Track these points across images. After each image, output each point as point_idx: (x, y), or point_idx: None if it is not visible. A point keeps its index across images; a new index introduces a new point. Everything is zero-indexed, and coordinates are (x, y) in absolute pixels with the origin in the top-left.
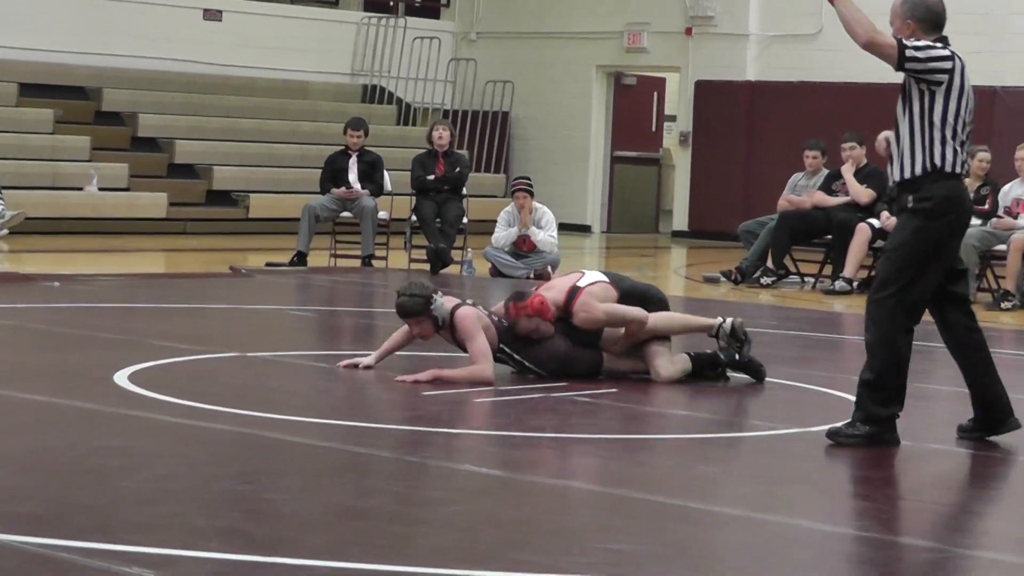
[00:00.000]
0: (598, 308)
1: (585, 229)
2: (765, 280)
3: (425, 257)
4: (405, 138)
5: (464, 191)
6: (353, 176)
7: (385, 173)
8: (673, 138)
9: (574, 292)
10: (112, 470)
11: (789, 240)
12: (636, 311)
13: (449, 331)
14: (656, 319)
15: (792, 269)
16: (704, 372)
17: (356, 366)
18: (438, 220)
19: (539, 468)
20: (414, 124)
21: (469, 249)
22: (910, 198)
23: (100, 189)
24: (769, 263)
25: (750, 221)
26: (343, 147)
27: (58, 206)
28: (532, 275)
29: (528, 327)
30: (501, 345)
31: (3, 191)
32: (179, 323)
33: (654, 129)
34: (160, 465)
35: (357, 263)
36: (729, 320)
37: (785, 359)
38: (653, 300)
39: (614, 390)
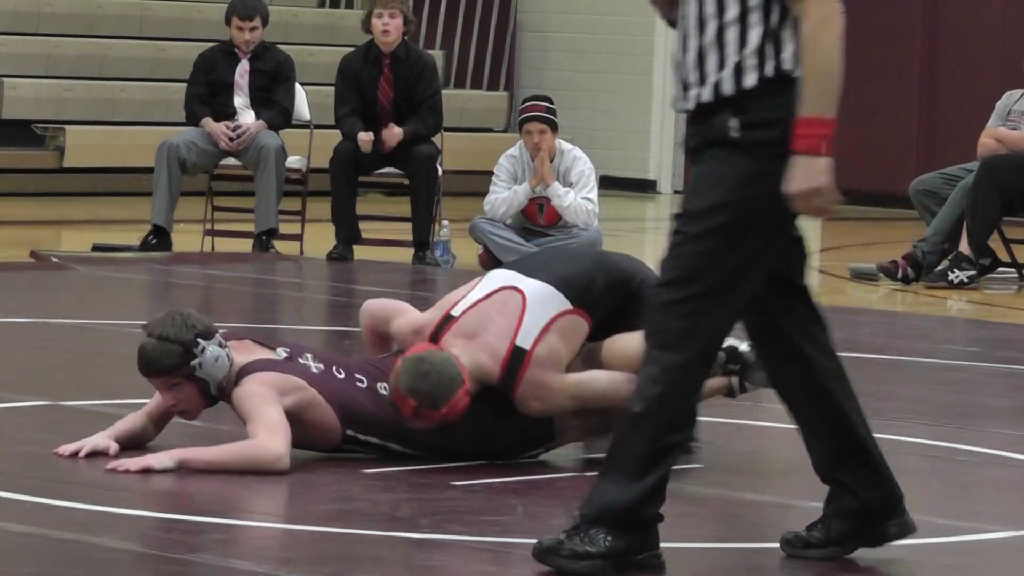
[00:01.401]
0: (557, 393)
1: (647, 187)
2: (957, 275)
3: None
4: (335, 30)
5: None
6: (242, 97)
7: (299, 89)
8: None
9: (517, 362)
10: None
11: (999, 206)
12: (619, 381)
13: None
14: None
15: (1005, 256)
16: None
17: (76, 453)
18: (384, 170)
19: None
20: (348, 6)
21: (446, 222)
22: (732, 123)
23: None
24: (964, 245)
25: (931, 175)
26: (224, 43)
27: None
28: None
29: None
30: (350, 433)
31: None
32: None
33: None
34: None
35: (249, 244)
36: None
37: (996, 413)
38: (643, 296)
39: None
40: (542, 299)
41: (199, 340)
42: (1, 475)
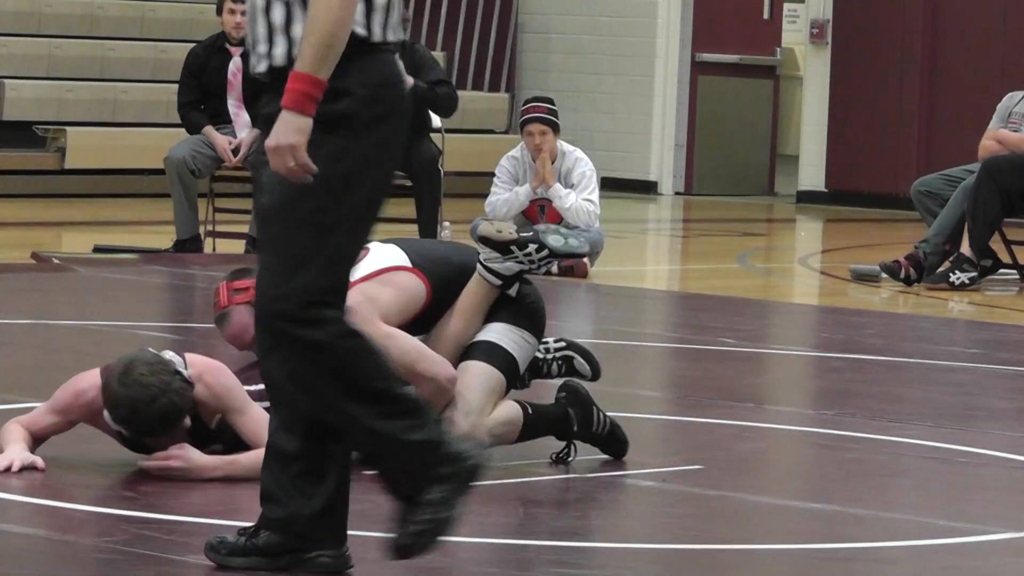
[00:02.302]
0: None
1: (648, 188)
2: (959, 277)
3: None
4: None
5: (435, 121)
6: (235, 97)
7: None
8: (800, 31)
9: None
10: None
11: (1000, 207)
12: (429, 359)
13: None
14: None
15: (1006, 257)
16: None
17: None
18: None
19: None
20: None
21: (447, 223)
22: None
23: None
24: (965, 247)
25: (932, 176)
26: (214, 36)
27: None
28: (554, 268)
29: (241, 329)
30: None
31: None
32: None
33: (767, 15)
34: None
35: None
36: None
37: (997, 414)
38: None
39: None
40: (383, 255)
41: (175, 371)
42: None
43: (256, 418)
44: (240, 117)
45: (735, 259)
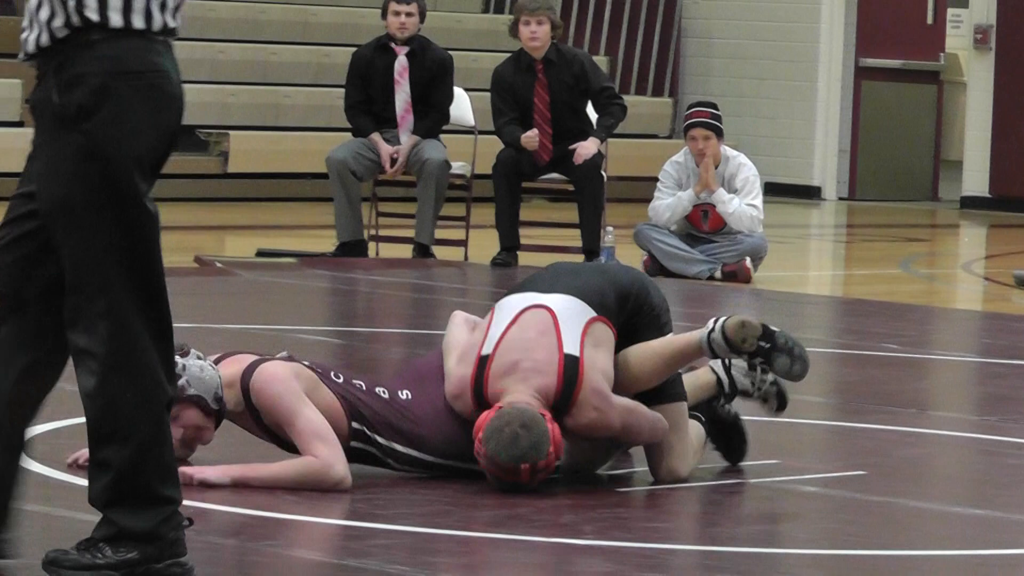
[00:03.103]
0: (614, 405)
1: (811, 193)
2: None
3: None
4: (498, 36)
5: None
6: (403, 96)
7: (463, 95)
8: (964, 37)
9: (573, 369)
10: None
11: None
12: (657, 420)
13: (248, 413)
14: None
15: None
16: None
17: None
18: (548, 176)
19: None
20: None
21: (610, 228)
22: (52, 88)
23: None
24: None
25: None
26: (379, 38)
27: None
28: (718, 273)
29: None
30: (356, 426)
31: None
32: None
33: (931, 20)
34: None
35: (408, 249)
36: (719, 323)
37: None
38: (649, 314)
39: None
40: (569, 310)
41: (177, 359)
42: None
43: (301, 429)
44: (406, 119)
45: (898, 264)
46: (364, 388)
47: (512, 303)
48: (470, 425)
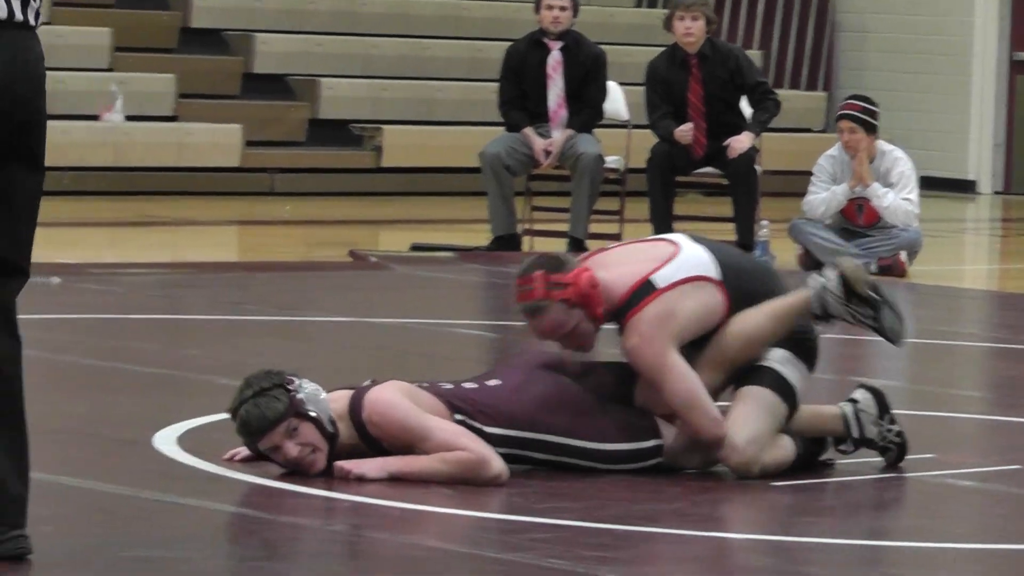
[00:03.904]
0: (659, 348)
1: (966, 187)
2: None
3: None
4: (651, 30)
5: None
6: (556, 91)
7: (616, 88)
8: None
9: (642, 294)
10: None
11: None
12: (709, 414)
13: (367, 446)
14: (739, 335)
15: None
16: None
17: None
18: (702, 170)
19: None
20: (666, 6)
21: (765, 222)
22: None
23: (128, 118)
24: None
25: None
26: (532, 33)
27: (55, 148)
28: (873, 267)
29: (556, 325)
30: (459, 418)
31: None
32: (260, 348)
33: None
34: None
35: (563, 243)
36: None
37: None
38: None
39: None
40: (691, 259)
41: (291, 378)
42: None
43: (440, 440)
44: (559, 114)
45: None
46: (452, 386)
47: (673, 235)
48: (560, 395)
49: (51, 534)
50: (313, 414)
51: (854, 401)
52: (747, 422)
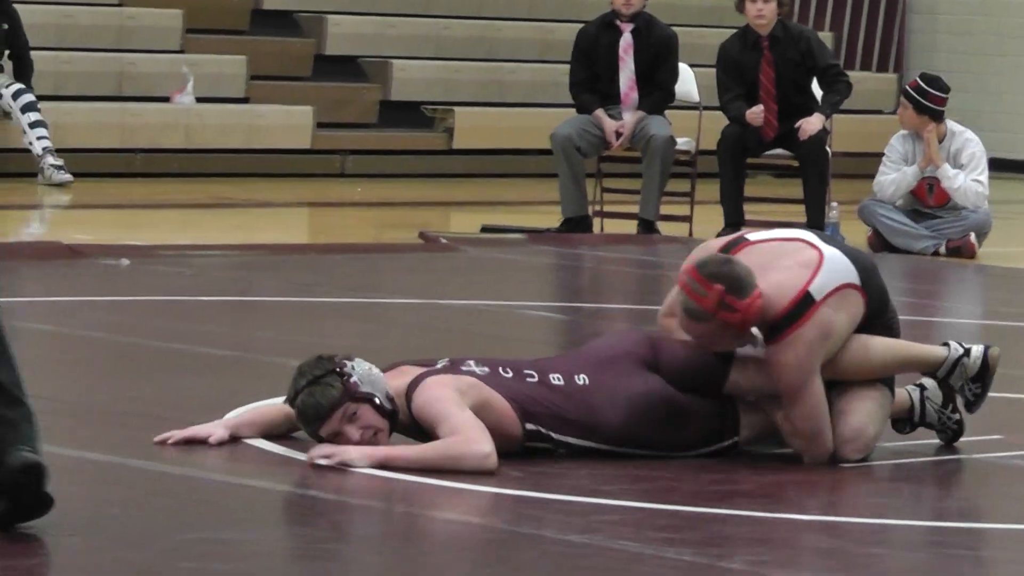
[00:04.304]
0: (812, 369)
1: None
2: None
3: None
4: (723, 12)
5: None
6: (627, 73)
7: (687, 70)
8: None
9: (804, 308)
10: None
11: None
12: (828, 437)
13: (414, 425)
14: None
15: None
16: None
17: (200, 440)
18: (773, 152)
19: None
20: None
21: (835, 204)
22: None
23: (198, 100)
24: None
25: None
26: (604, 15)
27: (127, 130)
28: (943, 249)
29: (708, 337)
30: (531, 427)
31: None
32: (338, 330)
33: None
34: (302, 575)
35: (633, 225)
36: (979, 349)
37: None
38: (890, 317)
39: None
40: (837, 264)
41: (344, 361)
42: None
43: (449, 426)
44: (630, 97)
45: None
46: (536, 379)
47: (790, 231)
48: (648, 408)
49: (118, 516)
50: (368, 395)
51: (922, 388)
52: (875, 417)
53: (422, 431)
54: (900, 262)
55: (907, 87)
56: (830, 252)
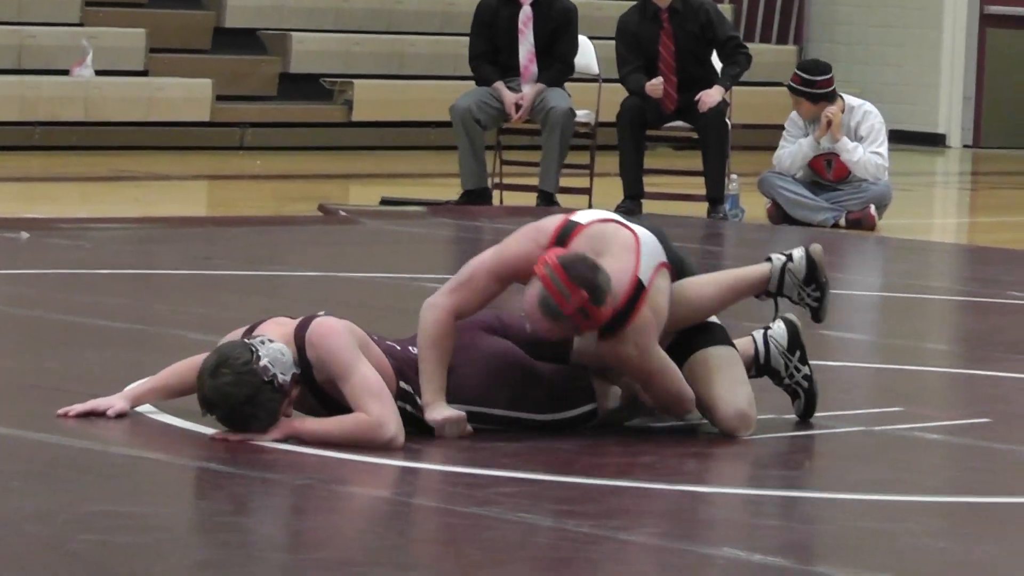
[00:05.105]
0: (654, 351)
1: (936, 141)
2: None
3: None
4: None
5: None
6: (527, 47)
7: (587, 43)
8: None
9: (637, 296)
10: (118, 555)
11: None
12: (688, 397)
13: (303, 378)
14: (697, 295)
15: None
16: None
17: (96, 413)
18: (672, 124)
19: None
20: None
21: (735, 176)
22: None
23: (97, 73)
24: None
25: None
26: None
27: (26, 103)
28: (842, 221)
29: (555, 333)
30: (404, 386)
31: None
32: (237, 303)
33: None
34: (200, 547)
35: (533, 197)
36: (800, 250)
37: None
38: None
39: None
40: (650, 245)
41: (253, 351)
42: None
43: (355, 384)
44: (530, 69)
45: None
46: (399, 348)
47: (596, 212)
48: (503, 368)
49: (19, 489)
50: (282, 384)
51: (767, 328)
52: (738, 390)
53: (308, 378)
54: (799, 234)
55: (792, 84)
56: (640, 232)
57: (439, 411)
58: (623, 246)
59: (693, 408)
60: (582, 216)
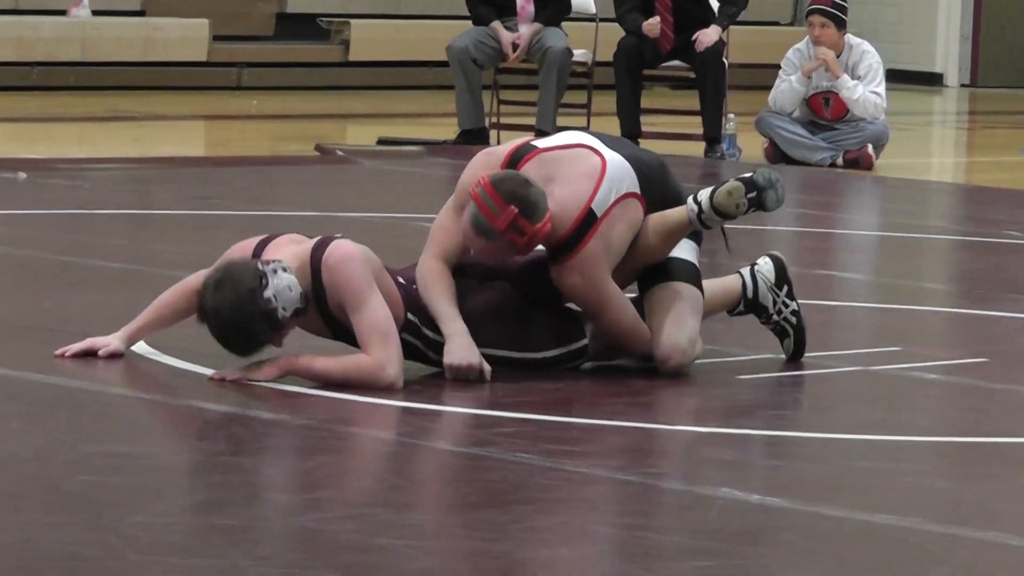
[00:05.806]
0: (601, 282)
1: (933, 80)
2: None
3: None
4: None
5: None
6: None
7: None
8: None
9: (587, 226)
10: (115, 495)
11: None
12: (643, 337)
13: (312, 293)
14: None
15: None
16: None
17: (92, 353)
18: (669, 64)
19: None
20: None
21: (731, 115)
22: None
23: (94, 13)
24: None
25: None
26: None
27: (23, 43)
28: (840, 160)
29: (491, 254)
30: (411, 318)
31: None
32: (228, 242)
33: None
34: (198, 488)
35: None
36: (706, 201)
37: None
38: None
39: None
40: (619, 172)
41: (262, 277)
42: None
43: (364, 319)
44: (527, 9)
45: (1020, 151)
46: (404, 282)
47: (573, 135)
48: (499, 306)
49: (17, 430)
50: (292, 317)
51: (754, 264)
52: (683, 323)
53: (319, 300)
54: (797, 174)
55: (825, 7)
56: (612, 157)
57: (458, 344)
58: (583, 173)
59: (648, 343)
60: (546, 141)
